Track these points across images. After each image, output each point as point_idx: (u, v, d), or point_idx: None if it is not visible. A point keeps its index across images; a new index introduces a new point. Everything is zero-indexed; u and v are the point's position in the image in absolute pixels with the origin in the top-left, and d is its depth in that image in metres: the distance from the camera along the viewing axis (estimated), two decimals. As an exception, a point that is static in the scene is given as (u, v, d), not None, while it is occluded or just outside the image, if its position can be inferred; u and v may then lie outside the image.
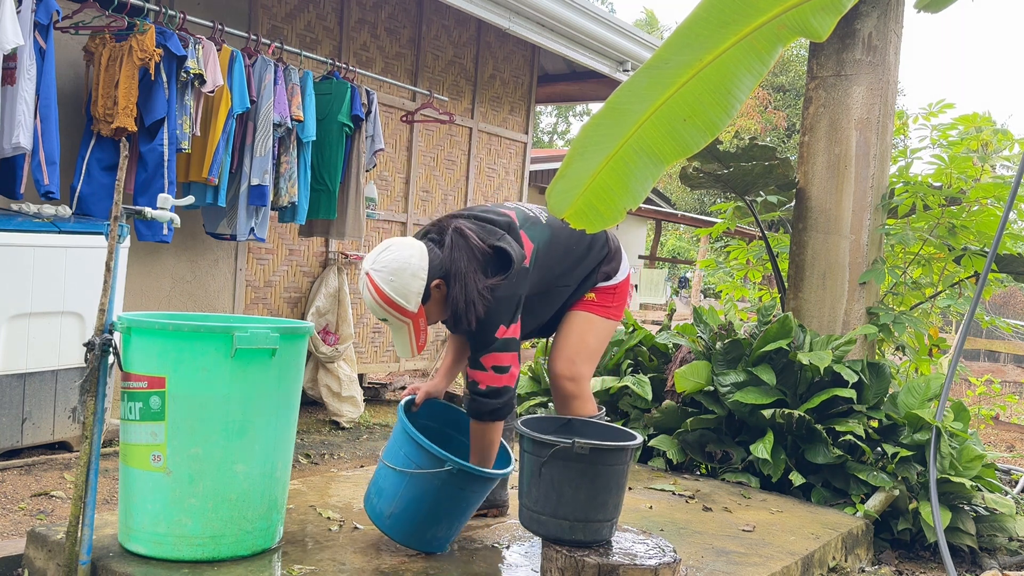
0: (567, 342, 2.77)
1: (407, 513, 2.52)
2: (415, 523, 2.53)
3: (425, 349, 6.76)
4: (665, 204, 19.25)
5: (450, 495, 2.51)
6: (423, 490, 2.49)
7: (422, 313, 2.50)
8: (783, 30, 1.22)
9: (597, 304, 2.80)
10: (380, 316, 2.50)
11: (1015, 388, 10.00)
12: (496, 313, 2.50)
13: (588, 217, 1.30)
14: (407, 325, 2.50)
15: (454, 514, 2.56)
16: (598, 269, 2.80)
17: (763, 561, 2.80)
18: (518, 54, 7.43)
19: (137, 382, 2.33)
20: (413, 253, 2.48)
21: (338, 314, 5.70)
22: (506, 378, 2.52)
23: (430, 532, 2.55)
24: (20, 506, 3.44)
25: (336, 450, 4.92)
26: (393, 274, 2.45)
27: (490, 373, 2.50)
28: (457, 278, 2.47)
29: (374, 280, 2.46)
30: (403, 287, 2.45)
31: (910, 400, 3.82)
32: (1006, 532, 3.72)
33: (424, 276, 2.46)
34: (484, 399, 2.51)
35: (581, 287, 2.79)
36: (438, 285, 2.50)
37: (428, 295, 2.49)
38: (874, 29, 4.34)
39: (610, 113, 1.26)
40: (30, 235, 3.72)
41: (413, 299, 2.46)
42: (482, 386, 2.51)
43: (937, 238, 4.46)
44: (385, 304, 2.46)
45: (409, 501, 2.51)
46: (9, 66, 3.67)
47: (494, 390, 2.50)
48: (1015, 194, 3.17)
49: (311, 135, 4.98)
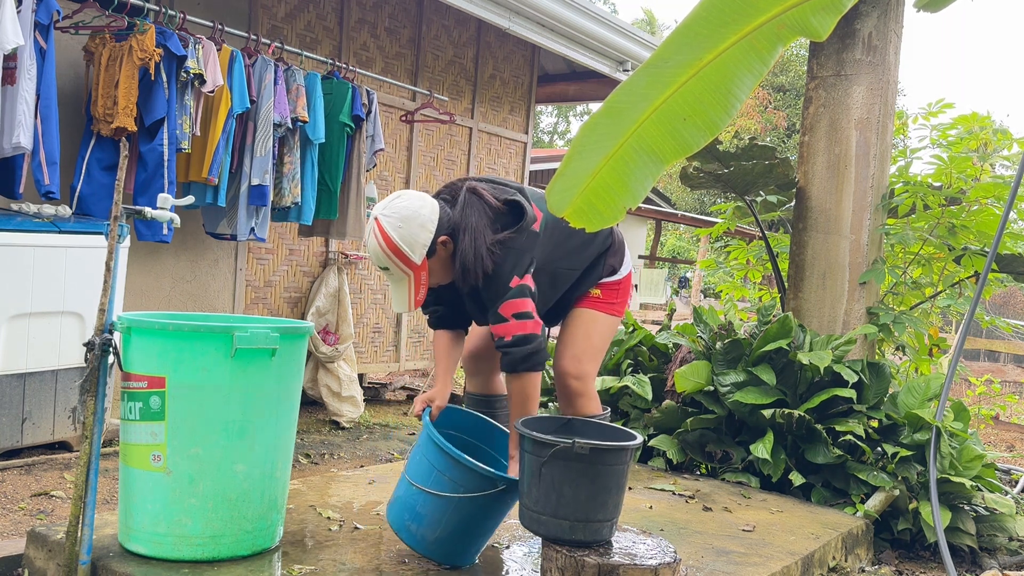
0: (573, 340, 2.76)
1: (455, 535, 2.44)
2: (464, 543, 2.46)
3: (425, 349, 6.77)
4: (665, 204, 19.25)
5: (498, 509, 2.46)
6: (471, 512, 2.41)
7: (425, 266, 2.48)
8: (783, 29, 1.22)
9: (603, 301, 2.79)
10: (382, 264, 2.48)
11: (1015, 388, 10.00)
12: (506, 263, 2.48)
13: (588, 216, 1.31)
14: (408, 277, 2.49)
15: (498, 522, 2.53)
16: (604, 259, 2.78)
17: (763, 561, 2.80)
18: (518, 54, 7.43)
19: (137, 382, 2.33)
20: (424, 204, 2.48)
21: (338, 314, 5.70)
22: (531, 324, 2.46)
23: (476, 546, 2.51)
24: (20, 506, 3.44)
25: (336, 450, 4.91)
26: (402, 221, 2.44)
27: (512, 322, 2.45)
28: (467, 232, 2.47)
29: (382, 225, 2.45)
30: (410, 236, 2.44)
31: (910, 400, 3.82)
32: (1006, 532, 3.72)
33: (432, 229, 2.46)
34: (514, 348, 2.46)
35: (587, 276, 2.76)
36: (444, 242, 2.49)
37: (433, 250, 2.48)
38: (874, 29, 4.34)
39: (610, 112, 1.26)
40: (30, 235, 3.72)
41: (419, 250, 2.45)
42: (508, 337, 2.46)
43: (937, 238, 4.46)
44: (390, 251, 2.44)
45: (457, 523, 2.42)
46: (9, 66, 3.67)
47: (521, 337, 2.45)
48: (1015, 194, 3.17)
49: (320, 137, 5.01)
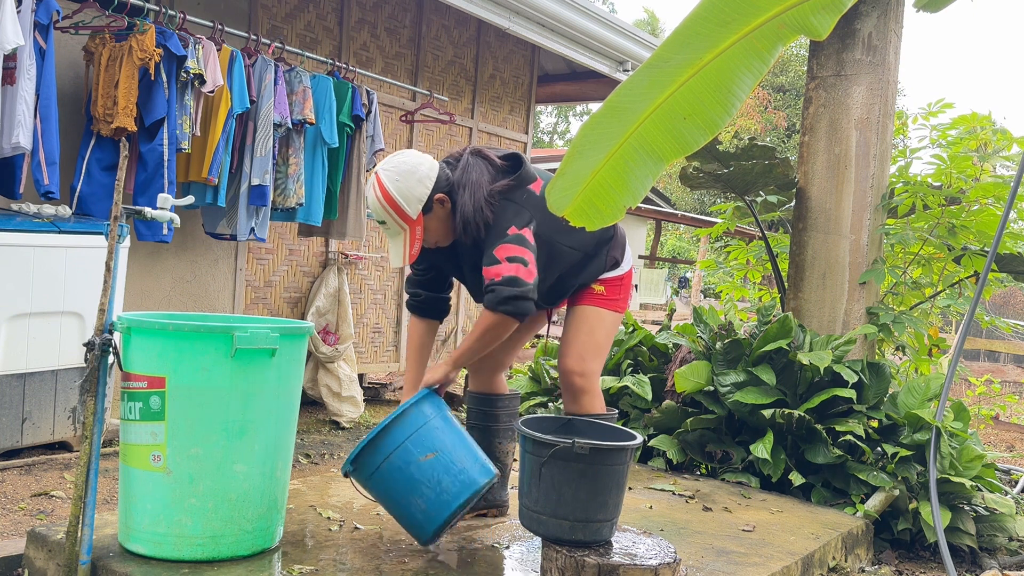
0: (577, 338, 2.76)
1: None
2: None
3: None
4: (665, 204, 19.24)
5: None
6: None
7: (420, 222, 2.54)
8: (783, 29, 1.22)
9: (606, 298, 2.78)
10: (380, 218, 2.55)
11: (1015, 388, 10.00)
12: (506, 213, 2.53)
13: (588, 215, 1.31)
14: (404, 232, 2.54)
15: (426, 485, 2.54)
16: (606, 250, 2.76)
17: (763, 561, 2.79)
18: (518, 54, 7.43)
19: (137, 382, 2.33)
20: (423, 162, 2.58)
21: (338, 314, 5.70)
22: (524, 271, 2.46)
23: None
24: (20, 506, 3.44)
25: (336, 450, 4.91)
26: (400, 175, 2.52)
27: (504, 264, 2.46)
28: (467, 187, 2.54)
29: (381, 179, 2.53)
30: (407, 189, 2.51)
31: (910, 400, 3.82)
32: (1006, 532, 3.72)
33: (430, 185, 2.54)
34: (501, 286, 2.46)
35: (587, 264, 2.73)
36: (441, 200, 2.56)
37: (430, 206, 2.55)
38: (874, 29, 4.34)
39: (610, 112, 1.26)
40: (30, 235, 3.72)
41: (415, 204, 2.52)
42: (498, 277, 2.47)
43: (937, 238, 4.46)
44: (387, 204, 2.51)
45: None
46: (9, 66, 3.67)
47: (510, 278, 2.45)
48: (1015, 194, 3.17)
49: (334, 140, 5.05)
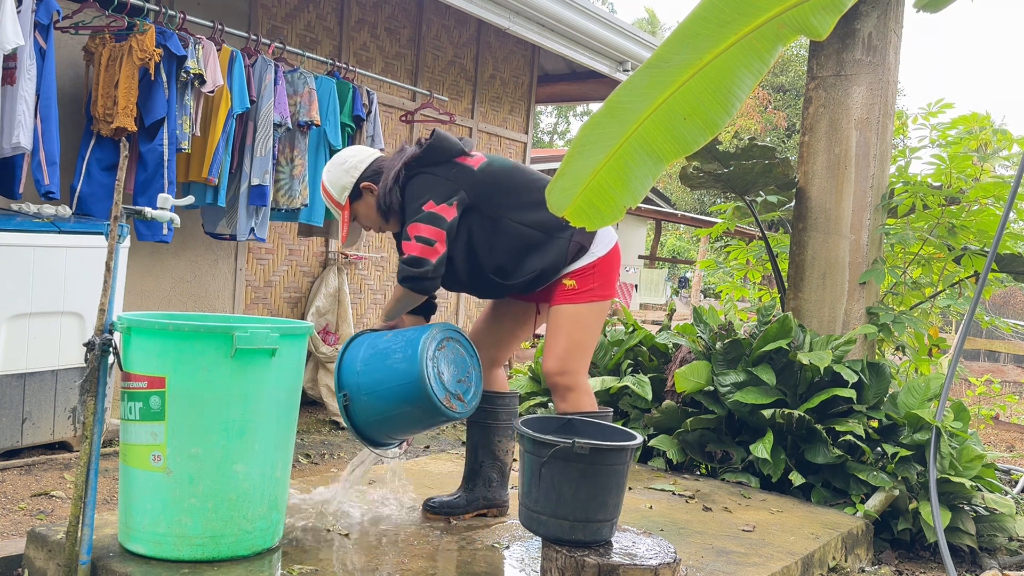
0: (556, 341, 2.72)
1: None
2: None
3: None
4: (665, 204, 19.24)
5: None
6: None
7: (347, 207, 2.77)
8: (783, 29, 1.22)
9: (579, 292, 2.70)
10: (328, 205, 2.82)
11: (1015, 388, 10.00)
12: (422, 188, 2.67)
13: (588, 215, 1.31)
14: (340, 215, 2.80)
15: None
16: (566, 236, 2.68)
17: (763, 561, 2.80)
18: (518, 54, 7.43)
19: (137, 382, 2.33)
20: (359, 154, 2.82)
21: (338, 314, 5.70)
22: (429, 251, 2.63)
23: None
24: (20, 506, 3.44)
25: (336, 450, 4.91)
26: (334, 166, 2.78)
27: (413, 242, 2.65)
28: (385, 171, 2.73)
29: (325, 170, 2.81)
30: (336, 179, 2.76)
31: (910, 400, 3.82)
32: (1006, 532, 3.72)
33: (356, 175, 2.75)
34: (405, 265, 2.66)
35: (548, 246, 2.68)
36: (368, 187, 2.76)
37: (358, 193, 2.76)
38: (874, 29, 4.34)
39: (610, 112, 1.26)
40: (30, 235, 3.72)
41: (342, 193, 2.76)
42: (405, 254, 2.67)
43: (937, 238, 4.46)
44: (324, 192, 2.80)
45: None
46: (9, 66, 3.67)
47: (414, 259, 2.64)
48: (1015, 194, 3.17)
49: (338, 142, 5.07)
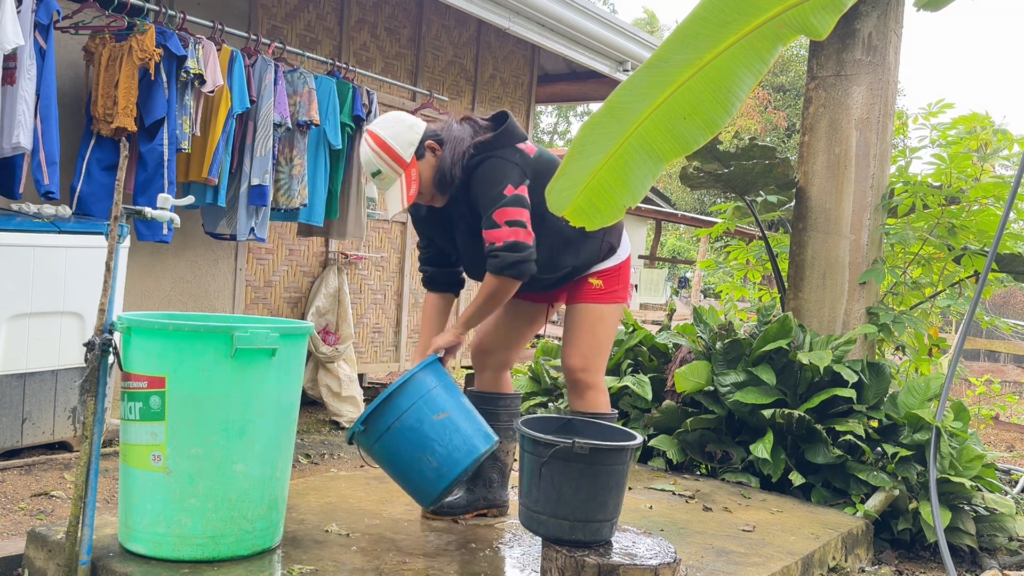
0: (579, 338, 2.78)
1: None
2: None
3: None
4: (665, 204, 19.25)
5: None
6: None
7: (415, 164, 2.60)
8: (783, 29, 1.22)
9: (605, 292, 2.79)
10: (373, 169, 2.61)
11: (1015, 388, 10.00)
12: (498, 173, 2.57)
13: (588, 214, 1.31)
14: (399, 177, 2.60)
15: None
16: (602, 232, 2.76)
17: (763, 561, 2.79)
18: (518, 54, 7.43)
19: (137, 382, 2.33)
20: (411, 117, 2.68)
21: (338, 314, 5.70)
22: (524, 233, 2.53)
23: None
24: (20, 506, 3.44)
25: (336, 450, 4.91)
26: (391, 123, 2.63)
27: (504, 228, 2.52)
28: (449, 141, 2.62)
29: (372, 130, 2.63)
30: (399, 133, 2.61)
31: (910, 400, 3.82)
32: (1006, 532, 3.72)
33: (420, 131, 2.64)
34: (505, 252, 2.52)
35: (582, 244, 2.74)
36: (432, 148, 2.62)
37: (422, 152, 2.62)
38: (874, 29, 4.34)
39: (610, 112, 1.26)
40: (30, 235, 3.72)
41: (408, 148, 2.60)
42: (499, 243, 2.53)
43: (937, 238, 4.46)
44: (381, 150, 2.59)
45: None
46: (9, 66, 3.67)
47: (513, 244, 2.51)
48: (1015, 194, 3.17)
49: (338, 142, 5.05)
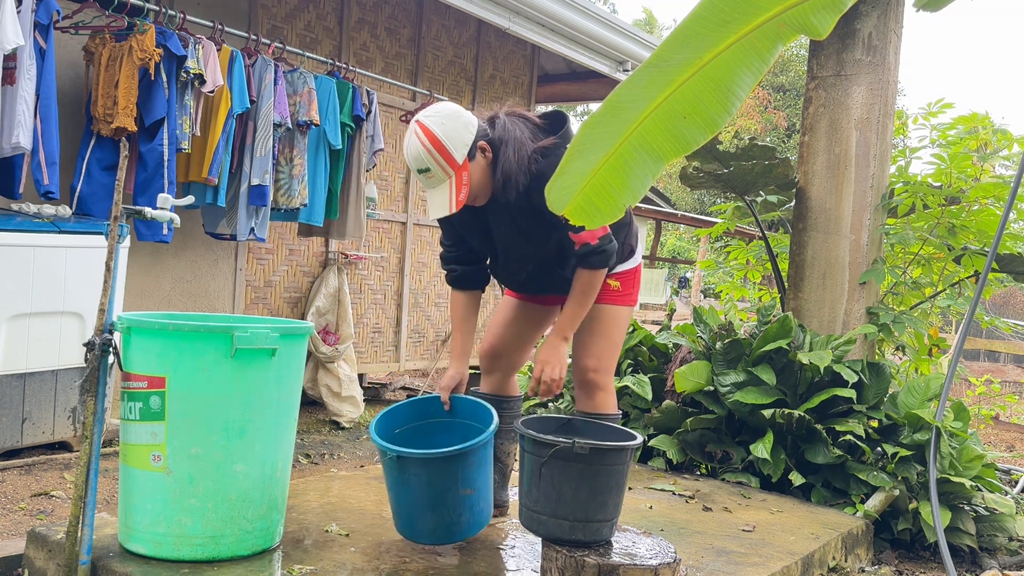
0: (595, 339, 2.79)
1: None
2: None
3: (425, 349, 6.76)
4: (665, 204, 19.24)
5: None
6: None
7: (467, 167, 2.46)
8: (783, 28, 1.22)
9: (621, 293, 2.82)
10: (422, 166, 2.45)
11: (1015, 388, 10.00)
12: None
13: (587, 214, 1.31)
14: (450, 179, 2.46)
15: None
16: (624, 234, 2.77)
17: (763, 561, 2.79)
18: (518, 54, 7.43)
19: (137, 382, 2.33)
20: (464, 112, 2.52)
21: (338, 314, 5.70)
22: (605, 226, 2.52)
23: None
24: (20, 506, 3.44)
25: (336, 450, 4.91)
26: (445, 119, 2.46)
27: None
28: (509, 143, 2.49)
29: (424, 123, 2.45)
30: (454, 132, 2.44)
31: (910, 400, 3.82)
32: (1006, 532, 3.71)
33: (474, 131, 2.49)
34: (608, 246, 2.54)
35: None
36: (484, 148, 2.50)
37: (474, 153, 2.48)
38: (874, 29, 4.34)
39: (610, 111, 1.26)
40: (30, 235, 3.72)
41: (461, 148, 2.45)
42: (594, 241, 2.52)
43: (937, 238, 4.46)
44: (433, 147, 2.43)
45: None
46: (9, 66, 3.67)
47: (607, 237, 2.54)
48: (1015, 194, 3.17)
49: (338, 142, 5.05)
